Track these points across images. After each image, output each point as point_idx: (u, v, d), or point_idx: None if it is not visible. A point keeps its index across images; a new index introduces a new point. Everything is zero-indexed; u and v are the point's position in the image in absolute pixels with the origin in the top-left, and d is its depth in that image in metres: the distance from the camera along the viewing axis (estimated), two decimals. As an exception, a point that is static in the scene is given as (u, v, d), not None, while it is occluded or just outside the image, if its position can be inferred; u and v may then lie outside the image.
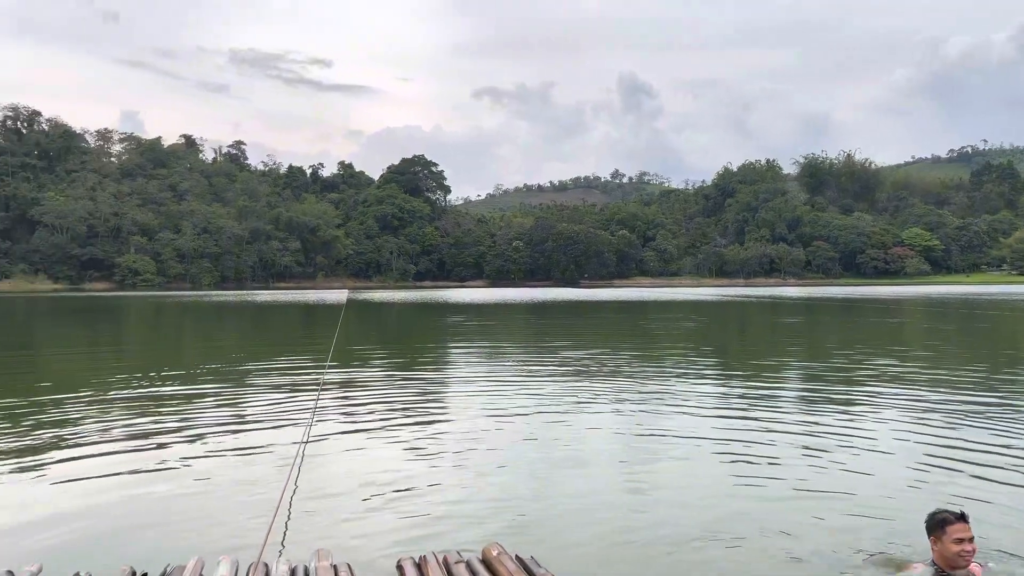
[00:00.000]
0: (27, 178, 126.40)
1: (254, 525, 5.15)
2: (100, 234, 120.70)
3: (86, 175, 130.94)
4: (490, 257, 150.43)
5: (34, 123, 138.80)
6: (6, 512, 5.50)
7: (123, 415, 9.60)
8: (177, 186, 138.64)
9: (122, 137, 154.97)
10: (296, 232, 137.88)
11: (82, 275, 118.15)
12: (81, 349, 21.14)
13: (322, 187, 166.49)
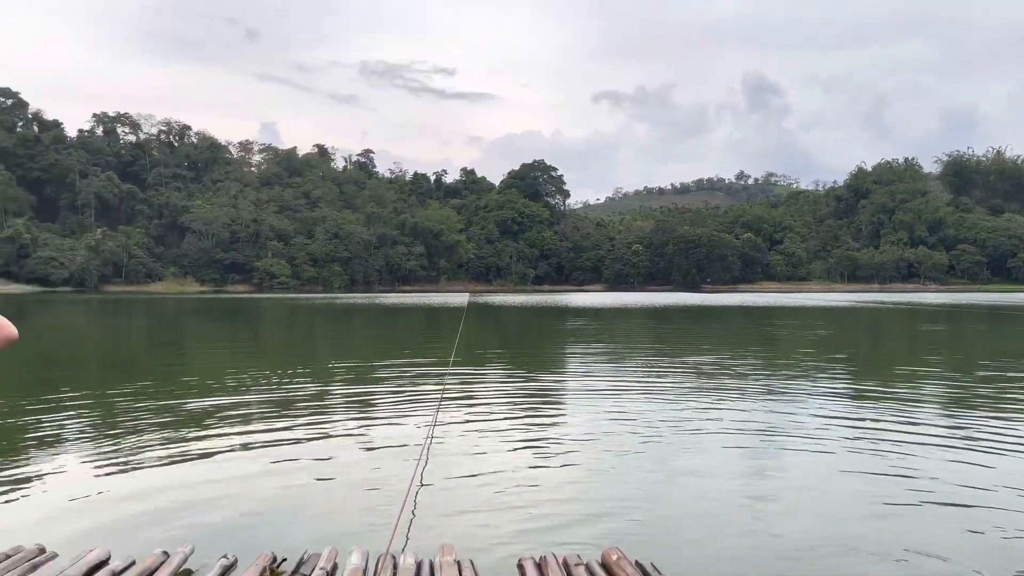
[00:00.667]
0: (178, 187, 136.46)
1: (382, 517, 5.36)
2: (241, 239, 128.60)
3: (229, 184, 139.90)
4: (609, 261, 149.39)
5: (184, 136, 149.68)
6: (160, 496, 5.97)
7: (260, 408, 10.20)
8: (310, 193, 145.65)
9: (261, 148, 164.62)
10: (420, 237, 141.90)
11: (225, 278, 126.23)
12: (223, 346, 22.60)
13: (445, 193, 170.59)
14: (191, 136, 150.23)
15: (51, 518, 5.29)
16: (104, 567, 4.14)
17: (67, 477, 6.59)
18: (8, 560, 4.23)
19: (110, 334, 28.25)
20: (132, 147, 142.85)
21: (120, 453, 7.47)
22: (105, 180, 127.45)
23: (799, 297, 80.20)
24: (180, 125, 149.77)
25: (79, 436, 8.30)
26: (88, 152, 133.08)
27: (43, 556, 4.36)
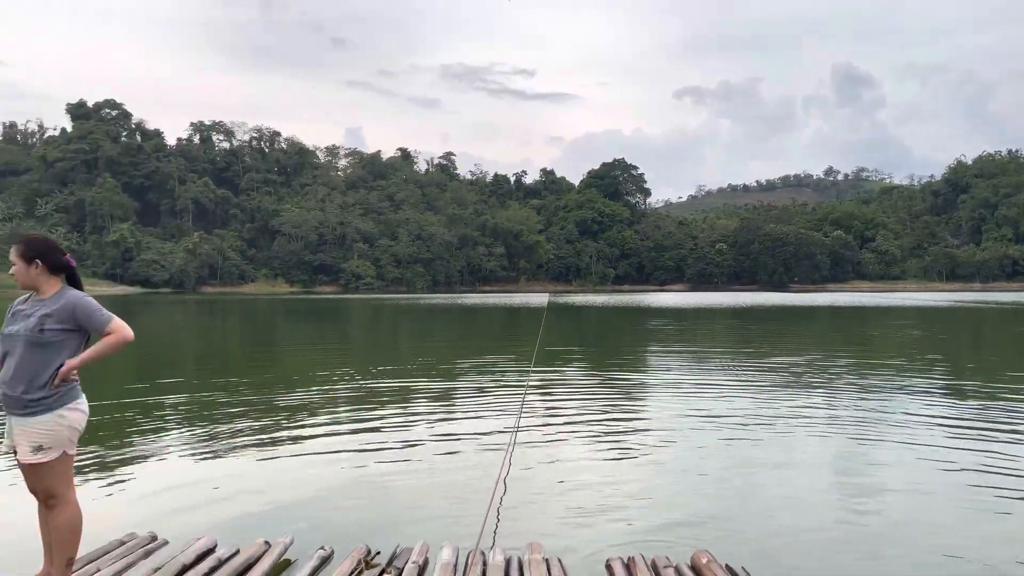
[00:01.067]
0: (269, 192, 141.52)
1: (469, 514, 5.46)
2: (328, 242, 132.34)
3: (317, 188, 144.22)
4: (691, 260, 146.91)
5: (274, 142, 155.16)
6: (260, 488, 6.23)
7: (350, 404, 10.50)
8: (394, 196, 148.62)
9: (347, 152, 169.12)
10: (501, 238, 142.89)
11: (313, 279, 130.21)
12: (312, 344, 23.35)
13: (525, 194, 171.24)
14: (281, 142, 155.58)
15: (160, 508, 5.59)
16: (211, 555, 4.37)
17: (172, 469, 6.96)
18: (123, 546, 4.52)
19: (207, 333, 29.57)
20: (226, 154, 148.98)
21: (220, 447, 7.83)
22: (201, 186, 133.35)
23: (893, 297, 76.97)
24: (270, 132, 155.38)
25: (182, 431, 8.74)
26: (186, 159, 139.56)
27: (155, 543, 4.63)
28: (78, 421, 3.83)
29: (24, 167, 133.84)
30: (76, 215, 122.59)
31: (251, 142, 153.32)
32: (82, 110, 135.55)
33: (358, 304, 63.62)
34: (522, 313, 45.63)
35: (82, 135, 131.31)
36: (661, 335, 25.68)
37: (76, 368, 3.79)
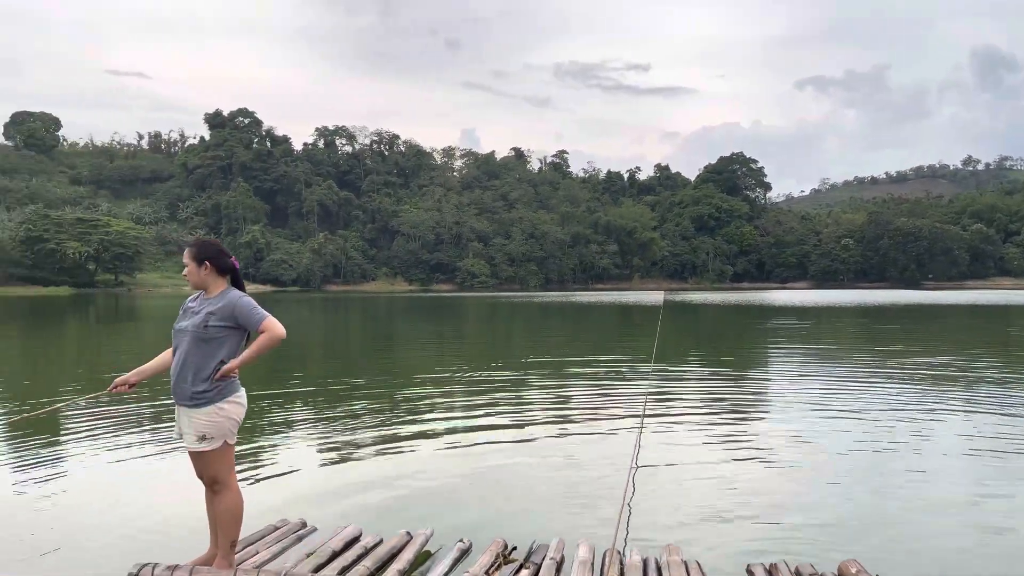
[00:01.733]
0: (388, 193, 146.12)
1: (600, 513, 5.46)
2: (445, 241, 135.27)
3: (434, 189, 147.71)
4: (815, 257, 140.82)
5: (394, 145, 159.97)
6: (397, 480, 6.46)
7: (471, 399, 10.68)
8: (508, 195, 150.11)
9: (462, 153, 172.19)
10: (614, 235, 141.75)
11: (431, 277, 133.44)
12: (430, 340, 23.98)
13: (639, 190, 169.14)
14: (399, 145, 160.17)
15: (307, 497, 5.90)
16: (357, 543, 4.57)
17: (315, 460, 7.32)
18: (277, 531, 4.79)
19: (332, 329, 30.87)
20: (348, 157, 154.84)
21: (355, 438, 8.17)
22: (326, 188, 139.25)
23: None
24: (390, 135, 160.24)
25: (318, 422, 9.17)
26: (311, 163, 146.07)
27: (305, 530, 4.89)
28: (237, 413, 4.08)
29: (168, 174, 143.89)
30: (213, 218, 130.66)
31: (372, 145, 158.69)
32: (218, 119, 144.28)
33: (473, 302, 64.69)
34: (636, 311, 45.10)
35: (218, 143, 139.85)
36: (784, 334, 24.77)
37: (235, 368, 4.05)
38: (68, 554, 4.71)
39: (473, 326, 33.49)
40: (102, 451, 7.58)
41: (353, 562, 4.26)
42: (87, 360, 18.19)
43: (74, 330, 30.68)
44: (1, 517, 5.46)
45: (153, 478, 6.62)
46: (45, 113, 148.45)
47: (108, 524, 5.28)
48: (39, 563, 4.56)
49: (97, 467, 6.93)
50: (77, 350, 21.37)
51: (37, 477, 6.56)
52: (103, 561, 4.54)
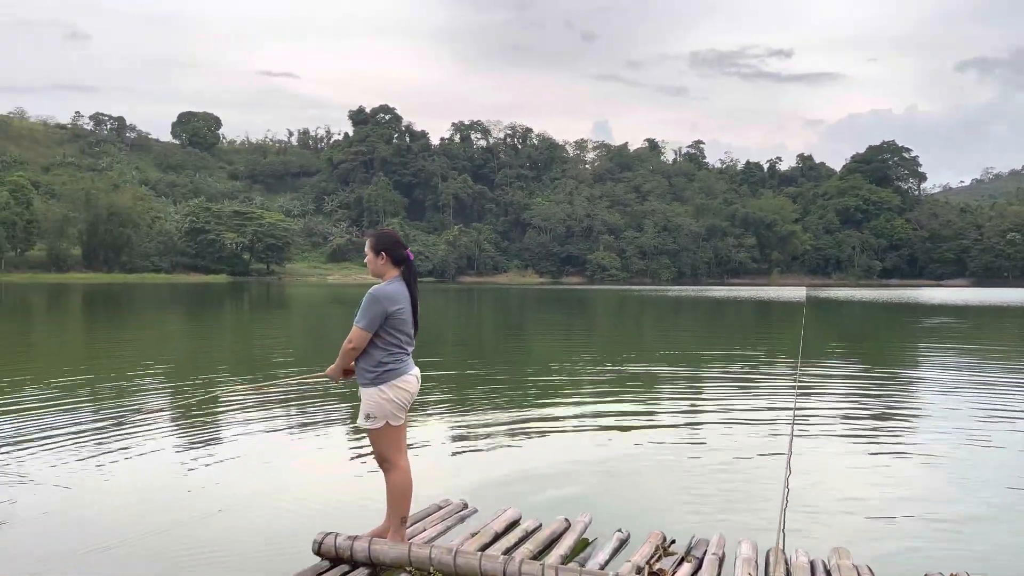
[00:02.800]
0: (521, 187, 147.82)
1: (757, 511, 5.35)
2: (575, 234, 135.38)
3: (565, 181, 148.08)
4: (976, 252, 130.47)
5: (527, 138, 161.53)
6: (553, 466, 6.57)
7: (616, 390, 10.67)
8: (640, 187, 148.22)
9: (595, 145, 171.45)
10: (751, 228, 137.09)
11: (561, 270, 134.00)
12: (559, 331, 24.13)
13: (779, 181, 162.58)
14: (532, 138, 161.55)
15: (468, 479, 6.12)
16: (517, 526, 4.71)
17: (473, 443, 7.57)
18: (441, 511, 5.01)
19: (466, 318, 31.64)
20: (483, 151, 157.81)
21: (510, 425, 8.37)
22: (461, 182, 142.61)
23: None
24: (523, 128, 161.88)
25: (470, 405, 9.45)
26: (448, 158, 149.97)
27: (467, 510, 5.09)
28: (400, 397, 4.27)
29: (315, 169, 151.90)
30: (356, 211, 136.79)
31: (505, 139, 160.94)
32: (361, 116, 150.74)
33: (604, 294, 64.40)
34: (776, 307, 43.45)
35: (361, 139, 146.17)
36: (940, 334, 23.13)
37: (329, 376, 4.36)
38: (256, 520, 5.12)
39: (604, 318, 33.38)
40: (283, 428, 8.16)
41: (515, 544, 4.39)
42: (243, 342, 19.57)
43: (230, 315, 33.07)
44: (193, 486, 5.99)
45: (333, 454, 7.09)
46: (207, 113, 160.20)
47: (293, 496, 5.70)
48: (234, 525, 4.98)
49: (279, 442, 7.47)
50: (233, 333, 23.02)
51: (226, 450, 7.16)
52: (290, 528, 4.91)
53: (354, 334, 4.16)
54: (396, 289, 4.24)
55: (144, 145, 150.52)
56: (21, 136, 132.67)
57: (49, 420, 8.28)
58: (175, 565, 4.35)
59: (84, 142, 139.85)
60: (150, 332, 22.54)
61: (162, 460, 6.70)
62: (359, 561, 4.08)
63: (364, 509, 5.21)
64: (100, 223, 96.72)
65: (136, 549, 4.57)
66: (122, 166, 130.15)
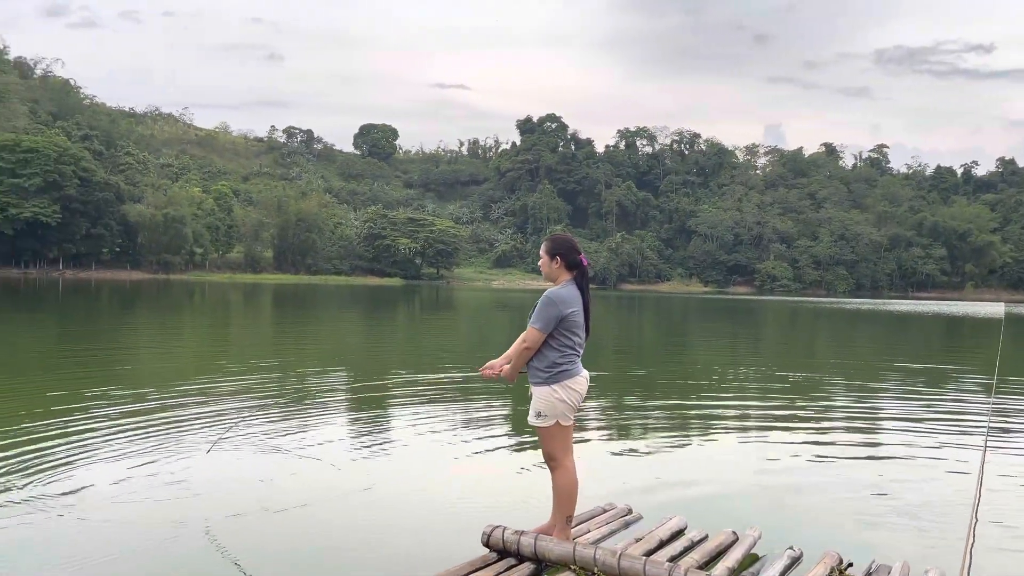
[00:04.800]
0: (687, 193, 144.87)
1: (943, 540, 4.97)
2: (744, 242, 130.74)
3: (734, 188, 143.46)
4: None
5: (694, 144, 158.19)
6: (720, 476, 6.44)
7: (783, 401, 10.22)
8: (816, 194, 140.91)
9: (767, 151, 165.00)
10: (941, 238, 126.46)
11: (727, 279, 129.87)
12: (725, 340, 23.39)
13: (975, 187, 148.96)
14: (700, 144, 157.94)
15: (632, 484, 6.12)
16: (682, 535, 4.66)
17: (637, 448, 7.55)
18: (605, 514, 5.06)
19: (628, 325, 31.41)
20: (648, 158, 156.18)
21: (674, 433, 8.28)
22: (625, 189, 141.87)
23: None
24: (690, 134, 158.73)
25: (633, 410, 9.43)
26: (612, 165, 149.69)
27: (631, 516, 5.10)
28: (571, 398, 4.36)
29: (483, 177, 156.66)
30: (521, 218, 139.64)
31: (672, 145, 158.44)
32: (528, 125, 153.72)
33: (774, 305, 61.68)
34: (968, 324, 39.77)
35: (527, 147, 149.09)
36: None
37: (497, 371, 4.50)
38: (428, 510, 5.40)
39: (773, 329, 31.99)
40: (450, 422, 8.54)
41: (680, 553, 4.35)
42: (414, 341, 20.55)
43: (403, 315, 34.79)
44: (369, 475, 6.41)
45: (498, 449, 7.34)
46: (385, 125, 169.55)
47: (462, 488, 5.98)
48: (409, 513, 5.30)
49: (447, 436, 7.83)
50: (406, 332, 24.21)
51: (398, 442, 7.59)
52: (459, 519, 5.15)
53: (530, 335, 4.29)
54: (570, 293, 4.34)
55: (329, 155, 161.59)
56: (225, 149, 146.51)
57: (233, 405, 9.11)
58: (352, 549, 4.69)
59: (278, 153, 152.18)
60: (330, 327, 24.21)
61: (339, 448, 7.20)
62: (525, 555, 4.20)
63: (528, 505, 5.35)
64: (289, 228, 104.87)
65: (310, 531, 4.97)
66: (309, 175, 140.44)
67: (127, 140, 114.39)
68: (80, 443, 6.91)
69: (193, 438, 7.28)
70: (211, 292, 53.98)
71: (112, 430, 7.51)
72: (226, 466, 6.42)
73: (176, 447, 6.89)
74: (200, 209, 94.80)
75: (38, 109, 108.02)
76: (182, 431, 7.61)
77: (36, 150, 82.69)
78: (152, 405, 9.01)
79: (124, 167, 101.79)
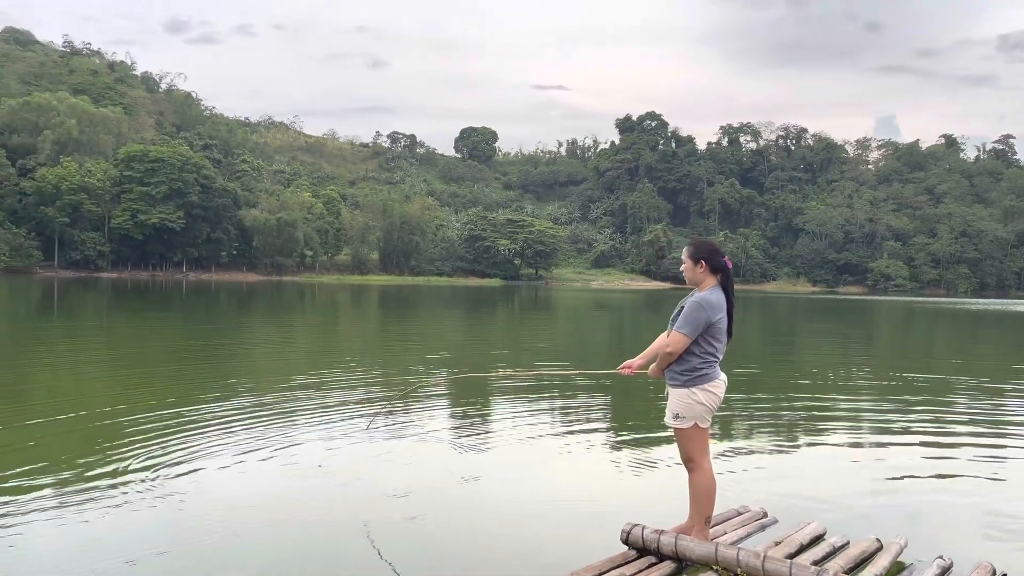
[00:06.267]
0: (793, 190, 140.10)
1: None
2: (855, 239, 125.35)
3: (844, 183, 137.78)
4: None
5: (801, 139, 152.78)
6: (855, 482, 6.27)
7: (909, 405, 9.82)
8: (934, 189, 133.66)
9: (879, 144, 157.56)
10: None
11: (837, 279, 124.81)
12: (835, 342, 22.55)
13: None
14: (807, 138, 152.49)
15: (768, 487, 6.05)
16: (822, 540, 4.62)
17: (771, 450, 7.46)
18: (740, 516, 5.06)
19: (738, 326, 30.68)
20: (752, 154, 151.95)
21: (807, 436, 8.13)
22: (728, 187, 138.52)
23: None
24: (797, 129, 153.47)
25: (767, 413, 9.29)
26: (714, 162, 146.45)
27: (766, 519, 5.07)
28: (709, 400, 4.41)
29: (581, 177, 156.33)
30: (619, 217, 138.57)
31: (777, 141, 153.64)
32: (627, 124, 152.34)
33: (888, 305, 58.89)
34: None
35: (627, 146, 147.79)
36: None
37: (634, 368, 4.66)
38: (566, 507, 5.55)
39: (891, 331, 30.61)
40: (580, 421, 8.67)
41: (823, 558, 4.31)
42: (513, 340, 20.81)
43: (503, 315, 35.24)
44: (507, 471, 6.61)
45: (631, 449, 7.43)
46: (486, 128, 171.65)
47: (597, 486, 6.10)
48: (547, 512, 5.46)
49: (581, 435, 7.96)
50: (505, 331, 24.54)
51: (531, 440, 7.78)
52: (599, 517, 5.27)
53: (675, 339, 4.35)
54: (718, 298, 4.39)
55: (431, 159, 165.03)
56: (332, 155, 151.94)
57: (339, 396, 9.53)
58: (491, 539, 4.88)
59: (382, 158, 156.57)
60: (437, 326, 24.83)
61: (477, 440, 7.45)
62: (665, 554, 4.27)
63: (663, 505, 5.41)
64: (394, 231, 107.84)
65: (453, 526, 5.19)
66: (412, 179, 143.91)
67: (243, 148, 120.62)
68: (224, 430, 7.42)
69: (335, 428, 7.69)
70: (321, 293, 56.21)
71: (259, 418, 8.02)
72: (373, 454, 6.82)
73: (317, 436, 7.30)
74: (310, 213, 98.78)
75: (163, 121, 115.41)
76: (325, 420, 8.10)
77: (162, 159, 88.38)
78: (284, 396, 9.54)
79: (240, 174, 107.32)
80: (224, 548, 4.60)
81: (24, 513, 5.04)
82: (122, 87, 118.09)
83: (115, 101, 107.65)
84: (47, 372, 12.25)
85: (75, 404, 9.05)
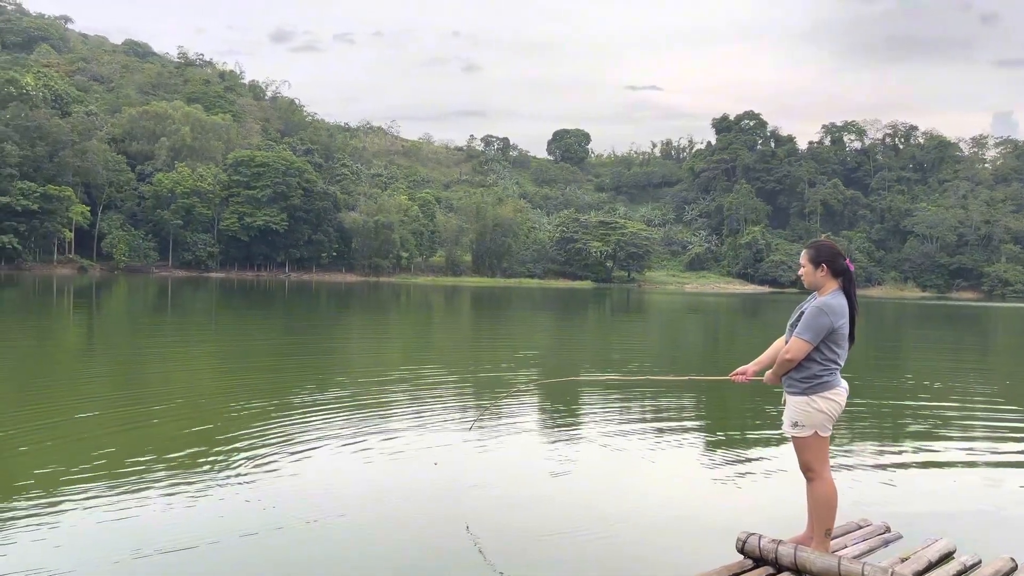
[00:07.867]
0: (901, 191, 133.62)
1: None
2: (969, 242, 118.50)
3: (958, 183, 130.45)
4: None
5: (910, 138, 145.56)
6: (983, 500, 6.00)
7: None
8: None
9: (997, 141, 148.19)
10: None
11: (949, 283, 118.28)
12: (945, 352, 21.43)
13: None
14: (917, 136, 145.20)
15: (890, 500, 5.82)
16: (951, 558, 4.40)
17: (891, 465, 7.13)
18: (862, 530, 4.86)
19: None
20: (857, 154, 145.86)
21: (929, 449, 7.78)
22: (831, 187, 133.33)
23: None
24: (906, 126, 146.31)
25: (875, 426, 8.93)
26: (816, 162, 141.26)
27: (889, 534, 4.86)
28: (830, 408, 4.25)
29: (676, 178, 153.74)
30: (715, 219, 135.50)
31: (884, 139, 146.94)
32: (724, 124, 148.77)
33: (1006, 313, 55.38)
34: None
35: (723, 146, 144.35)
36: None
37: (748, 375, 4.55)
38: (678, 514, 5.49)
39: (1008, 339, 28.81)
40: (690, 428, 8.57)
41: (953, 577, 4.12)
42: (606, 343, 20.66)
43: (593, 317, 35.06)
44: (619, 478, 6.60)
45: (744, 457, 7.29)
46: (578, 130, 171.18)
47: (713, 493, 6.04)
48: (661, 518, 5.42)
49: (692, 442, 7.87)
50: (596, 333, 24.40)
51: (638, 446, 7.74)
52: (711, 524, 5.20)
53: (796, 346, 4.22)
54: (840, 304, 4.24)
55: (523, 162, 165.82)
56: (428, 158, 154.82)
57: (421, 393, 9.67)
58: (606, 550, 4.88)
59: (476, 161, 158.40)
60: (528, 328, 24.94)
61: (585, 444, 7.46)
62: (783, 565, 4.16)
63: (779, 514, 5.27)
64: (487, 233, 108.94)
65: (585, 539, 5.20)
66: (505, 182, 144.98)
67: (343, 153, 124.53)
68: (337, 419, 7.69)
69: (438, 425, 7.86)
70: (416, 293, 57.39)
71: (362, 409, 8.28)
72: (477, 453, 6.94)
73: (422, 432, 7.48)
74: (406, 216, 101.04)
75: (269, 127, 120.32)
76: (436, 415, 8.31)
77: (267, 164, 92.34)
78: (383, 390, 9.81)
79: (340, 178, 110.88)
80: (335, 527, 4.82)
81: (141, 489, 5.42)
82: (231, 95, 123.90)
83: (225, 109, 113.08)
84: (162, 363, 13.07)
85: (190, 392, 9.58)
